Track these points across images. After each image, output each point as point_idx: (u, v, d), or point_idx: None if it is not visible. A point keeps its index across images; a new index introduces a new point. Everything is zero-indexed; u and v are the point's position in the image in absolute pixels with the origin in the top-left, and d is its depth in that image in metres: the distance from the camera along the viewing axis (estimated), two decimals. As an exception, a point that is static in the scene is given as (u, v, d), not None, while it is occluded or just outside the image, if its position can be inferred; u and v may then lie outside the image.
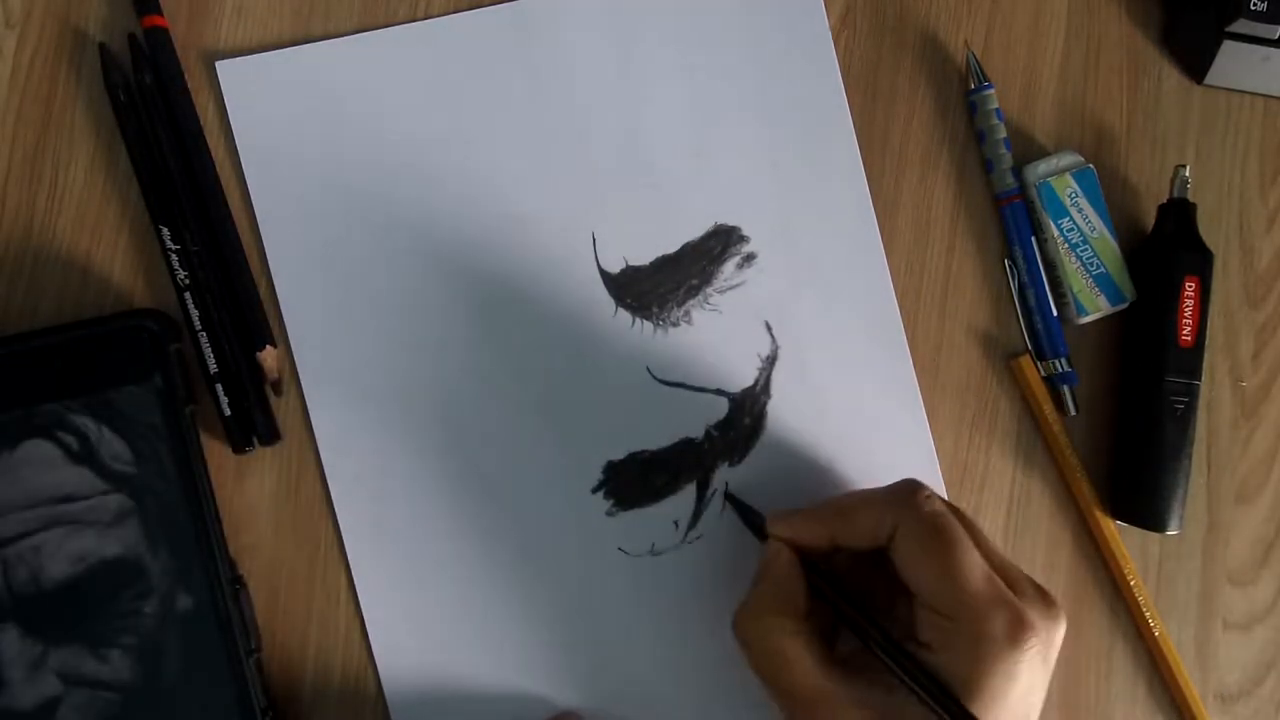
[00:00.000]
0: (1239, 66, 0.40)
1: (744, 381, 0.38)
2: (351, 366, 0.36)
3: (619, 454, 0.37)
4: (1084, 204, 0.39)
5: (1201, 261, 0.38)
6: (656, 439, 0.37)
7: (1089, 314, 0.39)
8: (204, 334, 0.35)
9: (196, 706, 0.32)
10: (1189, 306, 0.38)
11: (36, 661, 0.32)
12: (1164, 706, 0.39)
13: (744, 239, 0.38)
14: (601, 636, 0.36)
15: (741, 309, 0.38)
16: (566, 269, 0.37)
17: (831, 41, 0.39)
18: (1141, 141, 0.41)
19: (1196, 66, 0.41)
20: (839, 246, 0.39)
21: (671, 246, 0.38)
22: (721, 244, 0.38)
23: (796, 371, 0.38)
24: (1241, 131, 0.41)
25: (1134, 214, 0.41)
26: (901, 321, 0.39)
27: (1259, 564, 0.40)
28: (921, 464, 0.38)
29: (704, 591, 0.37)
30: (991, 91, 0.39)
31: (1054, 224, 0.39)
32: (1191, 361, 0.38)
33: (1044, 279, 0.39)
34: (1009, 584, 0.31)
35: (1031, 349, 0.39)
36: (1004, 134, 0.39)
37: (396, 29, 0.38)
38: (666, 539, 0.37)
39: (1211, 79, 0.41)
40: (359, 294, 0.37)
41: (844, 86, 0.39)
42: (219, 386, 0.35)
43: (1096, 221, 0.39)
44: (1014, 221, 0.39)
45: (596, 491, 0.37)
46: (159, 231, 0.35)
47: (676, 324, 0.38)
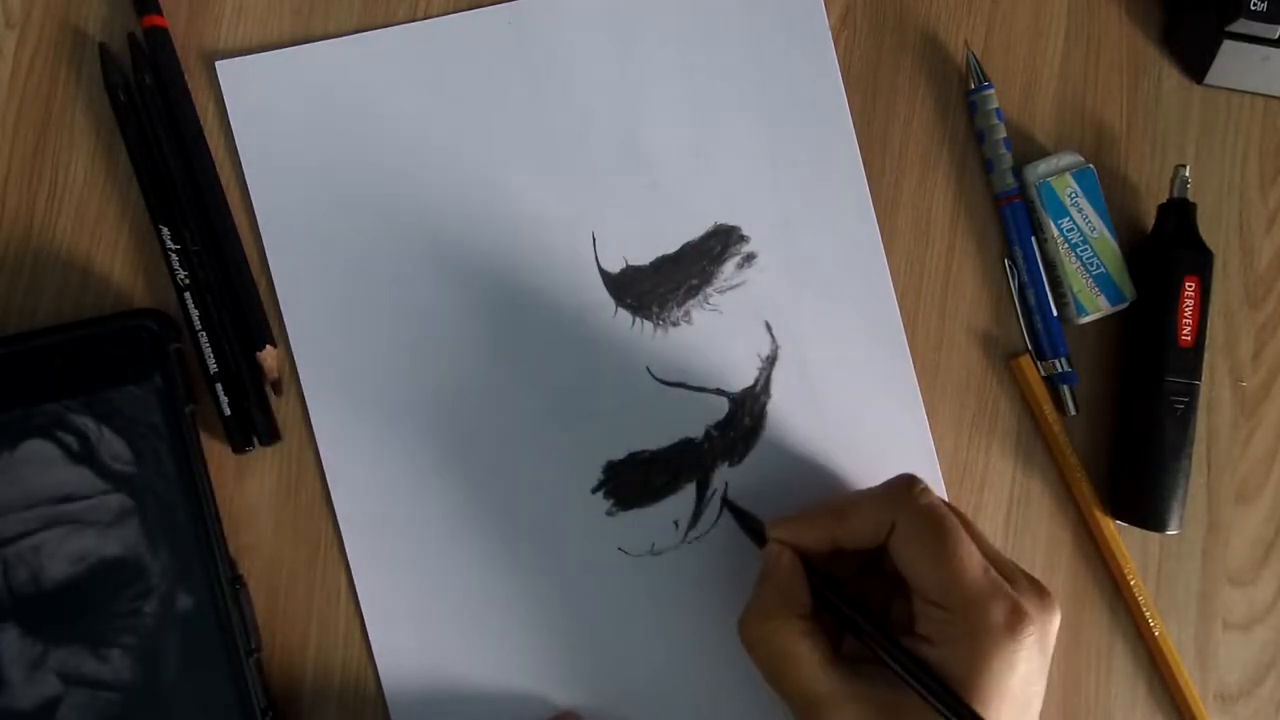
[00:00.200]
0: (1239, 66, 0.40)
1: (744, 381, 0.38)
2: (351, 366, 0.36)
3: (619, 454, 0.37)
4: (1084, 204, 0.39)
5: (1201, 261, 0.38)
6: (656, 439, 0.37)
7: (1089, 314, 0.39)
8: (204, 334, 0.35)
9: (196, 706, 0.32)
10: (1189, 306, 0.38)
11: (36, 661, 0.32)
12: (1164, 706, 0.39)
13: (744, 239, 0.38)
14: (601, 636, 0.36)
15: (741, 309, 0.38)
16: (566, 269, 0.37)
17: (831, 41, 0.39)
18: (1141, 141, 0.41)
19: (1196, 66, 0.41)
20: (839, 246, 0.39)
21: (671, 246, 0.38)
22: (721, 244, 0.38)
23: (796, 371, 0.38)
24: (1241, 131, 0.41)
25: (1134, 214, 0.41)
26: (901, 321, 0.39)
27: (1259, 564, 0.40)
28: (921, 464, 0.38)
29: (704, 591, 0.37)
30: (991, 91, 0.39)
31: (1054, 224, 0.39)
32: (1191, 361, 0.38)
33: (1044, 279, 0.39)
34: (1003, 577, 0.31)
35: (1031, 349, 0.39)
36: (1004, 134, 0.39)
37: (396, 29, 0.38)
38: (666, 539, 0.37)
39: (1211, 79, 0.41)
40: (359, 294, 0.37)
41: (844, 86, 0.39)
42: (219, 386, 0.35)
43: (1096, 221, 0.39)
44: (1014, 221, 0.39)
45: (596, 491, 0.37)
46: (159, 231, 0.35)
47: (676, 324, 0.38)
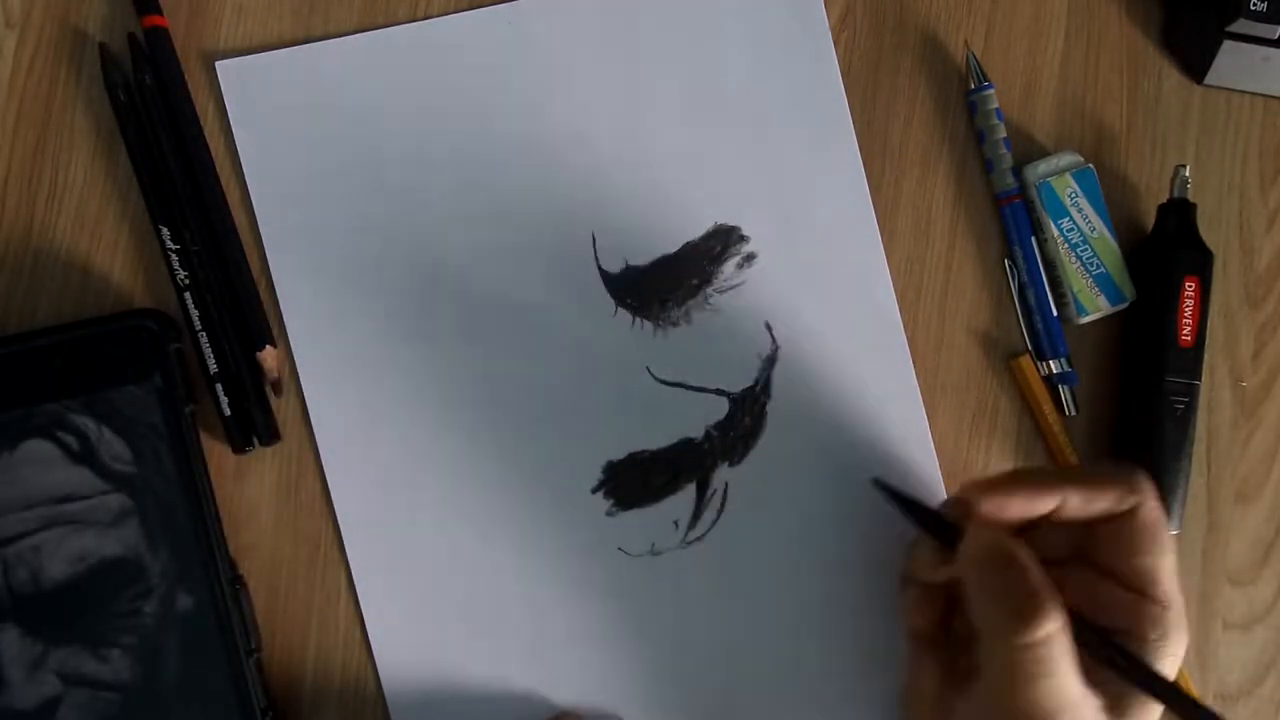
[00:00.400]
0: (1239, 66, 0.40)
1: (744, 381, 0.38)
2: (351, 366, 0.36)
3: (619, 454, 0.37)
4: (1084, 204, 0.39)
5: (1201, 261, 0.38)
6: (656, 439, 0.37)
7: (1089, 314, 0.39)
8: (204, 334, 0.35)
9: (196, 706, 0.32)
10: (1189, 306, 0.38)
11: (36, 661, 0.32)
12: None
13: (744, 239, 0.38)
14: (601, 636, 0.36)
15: (741, 309, 0.38)
16: (566, 269, 0.37)
17: (831, 41, 0.39)
18: (1141, 141, 0.41)
19: (1196, 66, 0.41)
20: (839, 246, 0.39)
21: (671, 246, 0.38)
22: (721, 244, 0.38)
23: (796, 371, 0.38)
24: (1241, 131, 0.41)
25: (1134, 214, 0.41)
26: (901, 321, 0.39)
27: (1259, 564, 0.40)
28: (921, 464, 0.38)
29: (704, 592, 0.37)
30: (991, 91, 0.39)
31: (1054, 224, 0.39)
32: (1191, 361, 0.38)
33: (1044, 279, 0.39)
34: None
35: (1031, 349, 0.39)
36: (1004, 134, 0.39)
37: (396, 29, 0.38)
38: (666, 539, 0.37)
39: (1211, 79, 0.41)
40: (359, 294, 0.37)
41: (844, 86, 0.39)
42: (219, 386, 0.35)
43: (1096, 221, 0.39)
44: (1014, 221, 0.39)
45: (596, 491, 0.37)
46: (159, 231, 0.35)
47: (676, 324, 0.38)
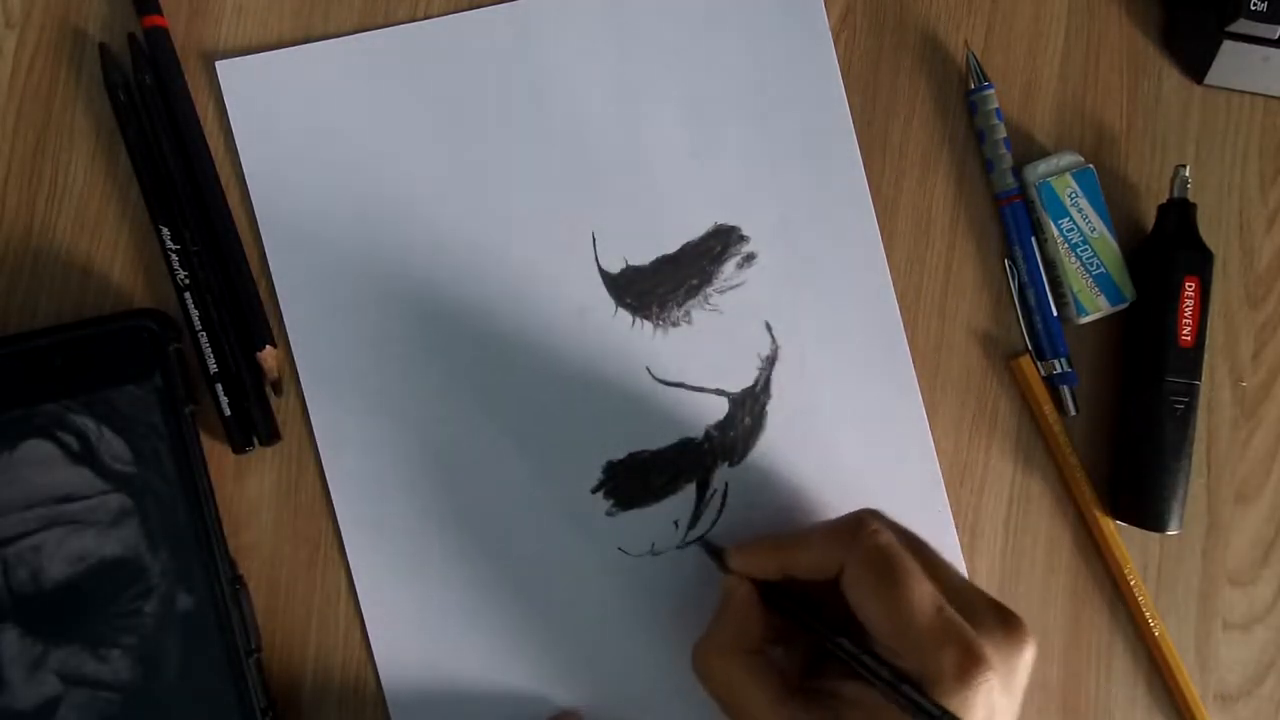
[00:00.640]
0: (1239, 66, 0.40)
1: (744, 381, 0.38)
2: (351, 366, 0.36)
3: (619, 454, 0.37)
4: (1084, 204, 0.39)
5: (1201, 261, 0.38)
6: (656, 439, 0.37)
7: (1089, 314, 0.39)
8: (204, 334, 0.35)
9: (196, 706, 0.32)
10: (1189, 306, 0.38)
11: (36, 661, 0.32)
12: (1164, 706, 0.39)
13: (744, 239, 0.38)
14: (601, 636, 0.36)
15: (741, 309, 0.38)
16: (566, 269, 0.37)
17: (831, 41, 0.39)
18: (1141, 141, 0.41)
19: (1196, 66, 0.41)
20: (839, 246, 0.39)
21: (671, 246, 0.38)
22: (721, 244, 0.38)
23: (796, 371, 0.38)
24: (1241, 131, 0.41)
25: (1134, 214, 0.41)
26: (901, 321, 0.39)
27: (1259, 564, 0.40)
28: (921, 464, 0.38)
29: (704, 591, 0.37)
30: (991, 91, 0.39)
31: (1054, 224, 0.39)
32: (1191, 361, 0.38)
33: (1044, 279, 0.39)
34: (969, 611, 0.30)
35: (1031, 349, 0.39)
36: (1004, 134, 0.39)
37: (396, 29, 0.38)
38: (666, 539, 0.37)
39: (1211, 79, 0.41)
40: (359, 294, 0.37)
41: (844, 86, 0.39)
42: (219, 386, 0.35)
43: (1096, 221, 0.39)
44: (1014, 221, 0.39)
45: (596, 491, 0.37)
46: (159, 231, 0.35)
47: (676, 324, 0.38)
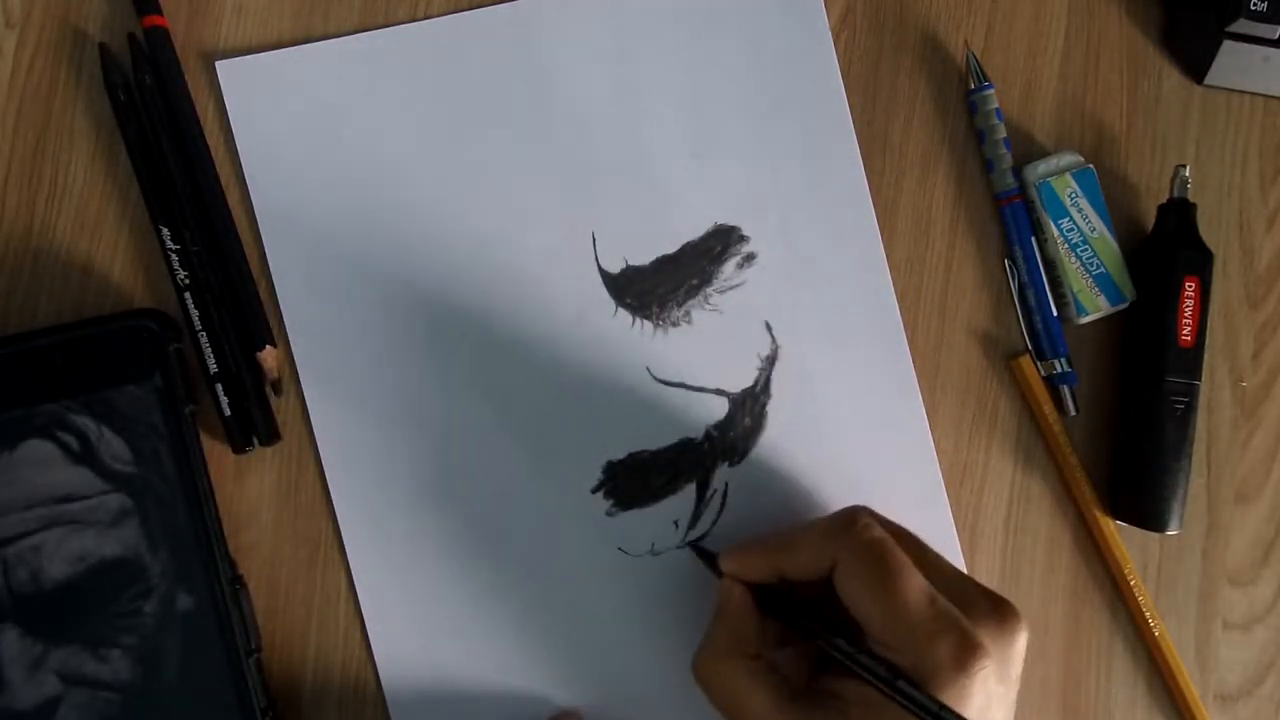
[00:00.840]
0: (1239, 66, 0.40)
1: (744, 381, 0.38)
2: (351, 366, 0.36)
3: (619, 454, 0.37)
4: (1084, 204, 0.39)
5: (1201, 261, 0.38)
6: (656, 439, 0.37)
7: (1089, 314, 0.39)
8: (204, 334, 0.35)
9: (196, 706, 0.32)
10: (1189, 306, 0.38)
11: (36, 661, 0.32)
12: (1164, 706, 0.39)
13: (744, 239, 0.38)
14: (601, 636, 0.36)
15: (741, 309, 0.38)
16: (566, 269, 0.37)
17: (831, 41, 0.39)
18: (1141, 141, 0.41)
19: (1196, 66, 0.41)
20: (839, 246, 0.39)
21: (671, 246, 0.38)
22: (721, 244, 0.38)
23: (796, 371, 0.38)
24: (1241, 131, 0.41)
25: (1134, 214, 0.41)
26: (901, 321, 0.39)
27: (1259, 564, 0.40)
28: (921, 464, 0.38)
29: (704, 591, 0.37)
30: (991, 91, 0.39)
31: (1054, 224, 0.39)
32: (1191, 361, 0.38)
33: (1044, 279, 0.39)
34: (962, 601, 0.30)
35: (1031, 349, 0.39)
36: (1004, 134, 0.39)
37: (396, 29, 0.38)
38: (666, 539, 0.37)
39: (1211, 79, 0.41)
40: (359, 294, 0.37)
41: (844, 86, 0.39)
42: (219, 386, 0.35)
43: (1096, 221, 0.39)
44: (1014, 221, 0.39)
45: (596, 491, 0.37)
46: (159, 231, 0.35)
47: (676, 324, 0.38)
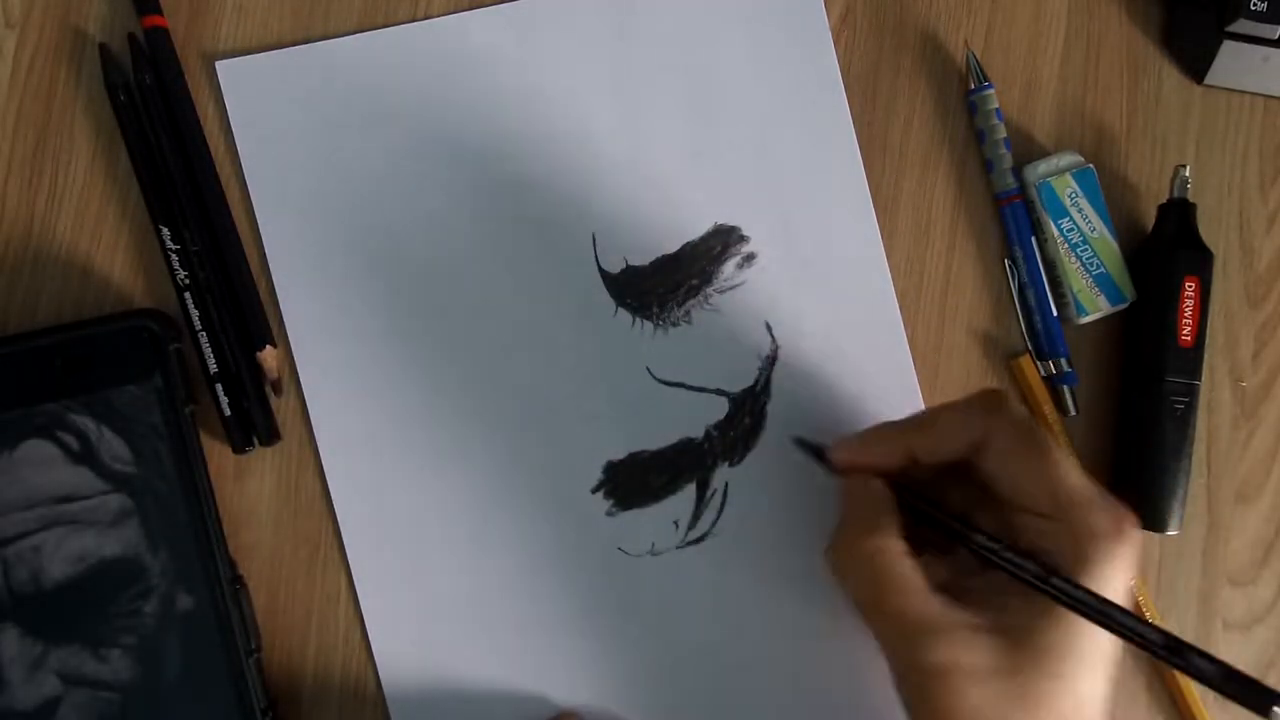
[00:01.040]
0: (1239, 66, 0.40)
1: (744, 381, 0.38)
2: (351, 366, 0.36)
3: (619, 454, 0.37)
4: (1084, 204, 0.39)
5: (1201, 261, 0.38)
6: (656, 439, 0.37)
7: (1089, 314, 0.39)
8: (204, 334, 0.35)
9: (196, 706, 0.32)
10: (1189, 306, 0.38)
11: (36, 661, 0.32)
12: (1164, 706, 0.39)
13: (744, 239, 0.38)
14: (601, 637, 0.36)
15: (741, 309, 0.38)
16: (566, 269, 0.37)
17: (831, 41, 0.39)
18: (1141, 141, 0.41)
19: (1196, 66, 0.41)
20: (839, 246, 0.39)
21: (671, 246, 0.38)
22: (721, 244, 0.38)
23: (796, 371, 0.38)
24: (1241, 131, 0.41)
25: (1134, 214, 0.41)
26: (901, 321, 0.39)
27: (1259, 564, 0.40)
28: (921, 464, 0.38)
29: (704, 592, 0.37)
30: (991, 91, 0.39)
31: (1054, 224, 0.39)
32: (1191, 361, 0.38)
33: (1044, 279, 0.39)
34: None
35: (1031, 349, 0.39)
36: (1004, 134, 0.39)
37: (396, 29, 0.38)
38: (666, 539, 0.37)
39: (1211, 79, 0.41)
40: (359, 294, 0.37)
41: (844, 86, 0.39)
42: (219, 386, 0.35)
43: (1096, 221, 0.39)
44: (1014, 221, 0.39)
45: (596, 491, 0.37)
46: (159, 231, 0.35)
47: (676, 324, 0.38)
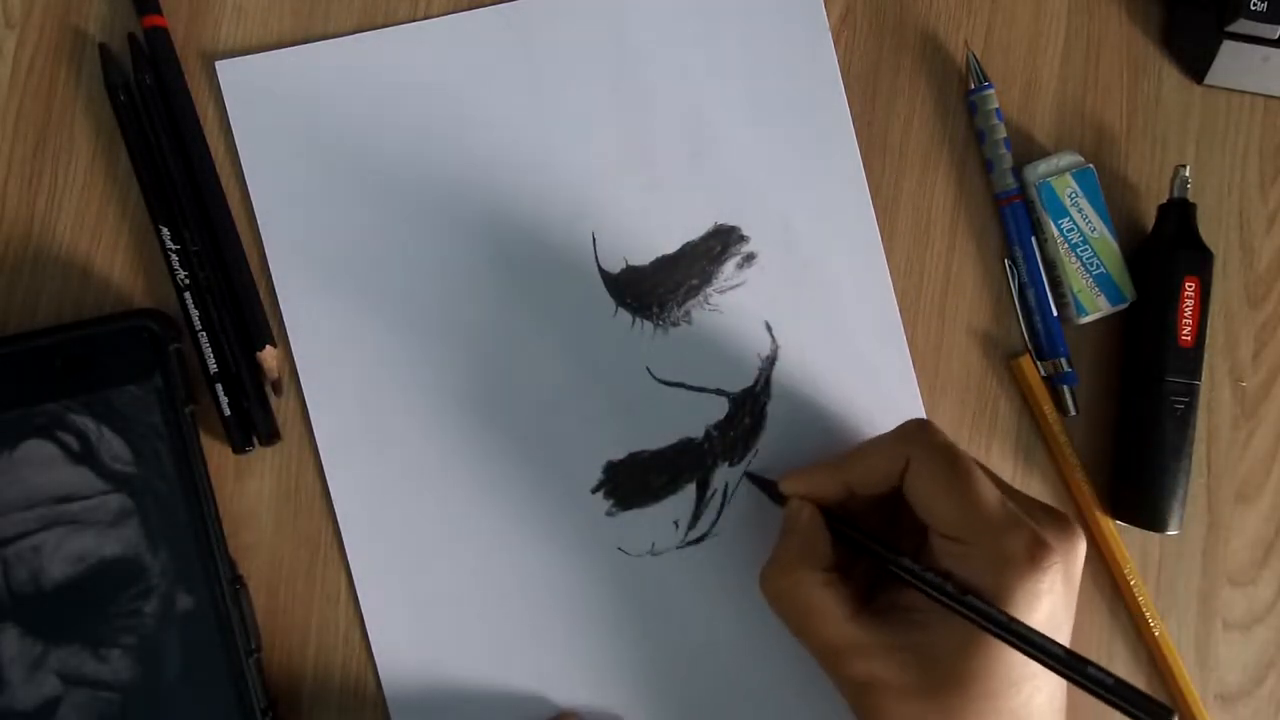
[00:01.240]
0: (1239, 66, 0.40)
1: (744, 381, 0.38)
2: (351, 366, 0.36)
3: (619, 454, 0.37)
4: (1084, 204, 0.39)
5: (1201, 261, 0.38)
6: (656, 439, 0.37)
7: (1089, 314, 0.39)
8: (204, 334, 0.35)
9: (196, 706, 0.32)
10: (1189, 306, 0.38)
11: (36, 661, 0.32)
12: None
13: (744, 239, 0.38)
14: (601, 636, 0.36)
15: (741, 309, 0.38)
16: (566, 269, 0.37)
17: (831, 41, 0.39)
18: (1141, 141, 0.41)
19: (1196, 66, 0.41)
20: (839, 246, 0.39)
21: (671, 246, 0.38)
22: (721, 244, 0.38)
23: (796, 371, 0.38)
24: (1241, 131, 0.41)
25: (1134, 214, 0.41)
26: (901, 321, 0.39)
27: (1259, 564, 0.40)
28: (921, 464, 0.38)
29: (703, 592, 0.37)
30: (991, 91, 0.39)
31: (1054, 224, 0.39)
32: (1191, 361, 0.38)
33: (1044, 279, 0.39)
34: (1023, 509, 0.31)
35: (1031, 349, 0.39)
36: (1004, 134, 0.39)
37: (396, 29, 0.38)
38: (666, 539, 0.37)
39: (1211, 79, 0.41)
40: (359, 294, 0.37)
41: (844, 86, 0.39)
42: (219, 386, 0.35)
43: (1096, 221, 0.39)
44: (1014, 221, 0.39)
45: (596, 491, 0.37)
46: (159, 231, 0.35)
47: (676, 324, 0.38)
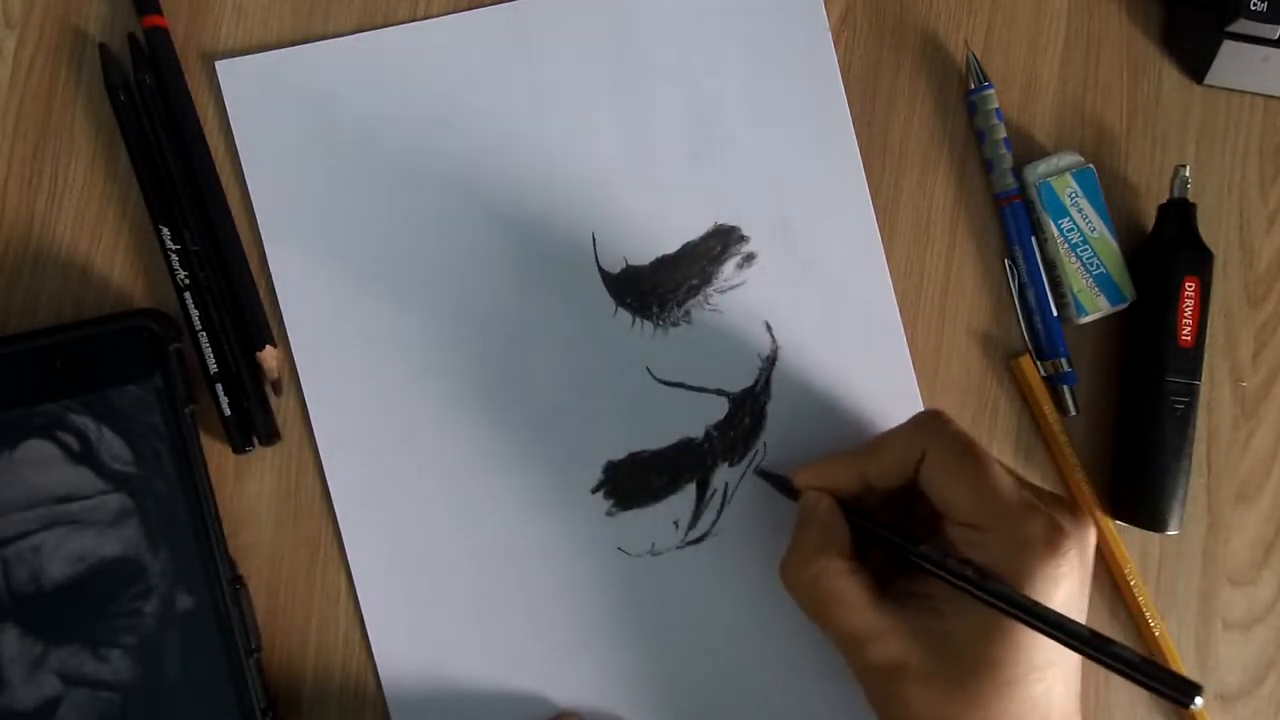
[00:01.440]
0: (1239, 66, 0.40)
1: (744, 381, 0.38)
2: (351, 366, 0.36)
3: (619, 454, 0.37)
4: (1084, 204, 0.39)
5: (1201, 261, 0.38)
6: (656, 439, 0.37)
7: (1089, 314, 0.39)
8: (204, 334, 0.35)
9: (196, 706, 0.32)
10: (1189, 306, 0.38)
11: (36, 661, 0.32)
12: (1164, 706, 0.39)
13: (744, 239, 0.38)
14: (601, 636, 0.36)
15: (741, 309, 0.38)
16: (566, 269, 0.37)
17: (831, 41, 0.39)
18: (1141, 141, 0.41)
19: (1196, 66, 0.41)
20: (839, 246, 0.39)
21: (671, 246, 0.38)
22: (721, 244, 0.38)
23: (796, 371, 0.38)
24: (1241, 131, 0.41)
25: (1134, 214, 0.41)
26: (901, 321, 0.39)
27: (1259, 564, 0.40)
28: (921, 464, 0.38)
29: (703, 592, 0.37)
30: (991, 91, 0.39)
31: (1054, 224, 0.39)
32: (1191, 361, 0.38)
33: (1044, 279, 0.39)
34: (1037, 497, 0.32)
35: (1031, 349, 0.39)
36: (1004, 134, 0.39)
37: (396, 29, 0.38)
38: (666, 539, 0.37)
39: (1211, 79, 0.41)
40: (359, 294, 0.37)
41: (844, 86, 0.39)
42: (219, 386, 0.35)
43: (1096, 221, 0.39)
44: (1014, 221, 0.39)
45: (596, 491, 0.37)
46: (159, 231, 0.35)
47: (676, 324, 0.38)
